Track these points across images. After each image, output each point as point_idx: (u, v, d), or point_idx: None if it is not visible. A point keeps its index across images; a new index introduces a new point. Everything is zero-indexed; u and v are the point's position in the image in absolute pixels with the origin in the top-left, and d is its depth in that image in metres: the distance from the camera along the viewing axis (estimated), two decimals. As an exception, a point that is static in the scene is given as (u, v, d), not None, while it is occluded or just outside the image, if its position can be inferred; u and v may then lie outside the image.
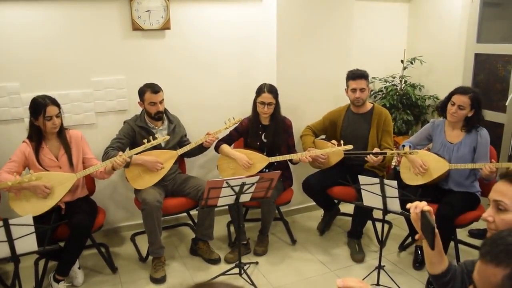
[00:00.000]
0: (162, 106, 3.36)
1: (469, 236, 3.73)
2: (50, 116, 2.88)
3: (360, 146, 3.55)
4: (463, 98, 3.09)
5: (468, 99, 3.08)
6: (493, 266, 1.04)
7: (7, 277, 3.18)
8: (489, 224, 1.50)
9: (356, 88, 3.51)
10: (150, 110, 3.33)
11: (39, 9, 3.29)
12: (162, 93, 3.34)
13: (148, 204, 3.11)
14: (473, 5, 4.31)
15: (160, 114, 3.37)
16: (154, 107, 3.31)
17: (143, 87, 3.33)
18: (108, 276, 3.26)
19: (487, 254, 1.06)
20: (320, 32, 3.96)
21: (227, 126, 3.39)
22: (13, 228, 2.26)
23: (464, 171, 3.18)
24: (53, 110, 2.89)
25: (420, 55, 4.70)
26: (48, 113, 2.87)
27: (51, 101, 2.90)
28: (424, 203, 1.59)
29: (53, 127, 2.92)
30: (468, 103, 3.08)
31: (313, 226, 4.04)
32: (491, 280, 1.04)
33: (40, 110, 2.86)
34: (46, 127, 2.91)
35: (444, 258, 1.64)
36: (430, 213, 1.56)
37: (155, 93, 3.28)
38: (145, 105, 3.33)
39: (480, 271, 1.08)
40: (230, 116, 3.45)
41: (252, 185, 2.86)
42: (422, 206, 1.58)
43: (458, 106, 3.10)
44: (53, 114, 2.89)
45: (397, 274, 3.19)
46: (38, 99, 2.90)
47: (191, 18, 3.75)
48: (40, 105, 2.87)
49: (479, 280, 1.08)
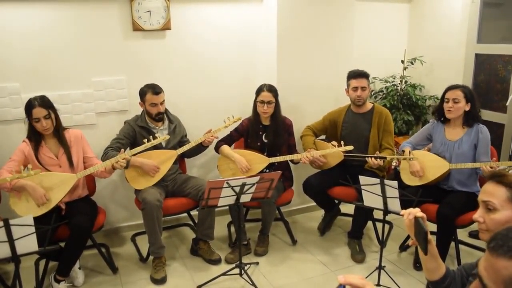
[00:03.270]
0: (163, 107, 3.36)
1: (470, 236, 3.73)
2: (37, 118, 2.85)
3: (361, 146, 3.55)
4: (456, 92, 3.13)
5: (461, 92, 3.13)
6: (506, 259, 1.05)
7: (7, 278, 3.18)
8: (480, 225, 1.54)
9: (357, 87, 3.51)
10: (151, 111, 3.33)
11: (39, 9, 3.29)
12: (163, 94, 3.34)
13: (148, 203, 3.11)
14: (474, 6, 4.31)
15: (160, 115, 3.37)
16: (155, 108, 3.31)
17: (144, 88, 3.33)
18: (108, 277, 3.26)
19: (499, 248, 1.07)
20: (321, 32, 3.96)
21: (226, 125, 3.39)
22: (14, 228, 2.26)
23: (466, 170, 3.18)
24: (39, 112, 2.85)
25: (420, 56, 4.70)
26: (34, 115, 2.84)
27: (39, 103, 2.86)
28: (417, 209, 1.62)
29: (42, 129, 2.90)
30: (461, 96, 3.12)
31: (313, 227, 4.04)
32: (502, 274, 1.05)
33: (29, 111, 2.86)
34: (36, 129, 2.91)
35: (440, 264, 1.65)
36: (423, 219, 1.58)
37: (156, 94, 3.28)
38: (146, 106, 3.33)
39: (489, 265, 1.09)
40: (230, 116, 3.45)
41: (253, 185, 2.86)
42: (415, 212, 1.61)
43: (453, 100, 3.13)
44: (40, 116, 2.85)
45: (397, 274, 3.19)
46: (29, 100, 2.89)
47: (192, 18, 3.76)
48: (29, 106, 2.86)
49: (488, 275, 1.08)
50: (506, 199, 1.47)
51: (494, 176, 1.52)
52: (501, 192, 1.48)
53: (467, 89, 3.16)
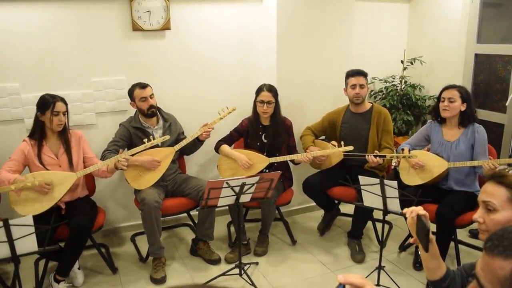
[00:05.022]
0: (154, 100, 3.37)
1: (470, 236, 3.73)
2: (57, 112, 2.94)
3: (360, 145, 3.55)
4: (452, 91, 3.16)
5: (457, 91, 3.15)
6: (502, 259, 1.06)
7: (7, 278, 3.18)
8: (480, 225, 1.55)
9: (356, 84, 3.52)
10: (142, 107, 3.33)
11: (39, 9, 3.29)
12: (151, 89, 3.36)
13: (147, 204, 3.11)
14: (473, 6, 4.31)
15: (153, 109, 3.37)
16: (145, 103, 3.32)
17: (130, 88, 3.37)
18: (108, 277, 3.26)
19: (494, 248, 1.08)
20: (320, 32, 3.96)
21: (221, 116, 3.35)
22: (13, 228, 2.26)
23: (464, 169, 3.18)
24: (61, 106, 2.97)
25: (420, 56, 4.70)
26: (56, 108, 2.93)
27: (61, 99, 2.99)
28: (420, 207, 1.63)
29: (58, 124, 2.97)
30: (457, 95, 3.13)
31: (313, 227, 4.04)
32: (498, 274, 1.06)
33: (49, 105, 2.92)
34: (52, 123, 2.95)
35: (441, 264, 1.65)
36: (425, 217, 1.58)
37: (143, 88, 3.32)
38: (136, 103, 3.34)
39: (485, 265, 1.09)
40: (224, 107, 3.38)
41: (252, 185, 2.86)
42: (418, 210, 1.61)
43: (448, 99, 3.15)
44: (61, 110, 2.96)
45: (397, 274, 3.19)
46: (47, 95, 2.98)
47: (191, 18, 3.75)
48: (49, 100, 2.94)
49: (485, 275, 1.09)
50: (506, 199, 1.47)
51: (494, 176, 1.53)
52: (501, 192, 1.48)
53: (463, 89, 3.17)
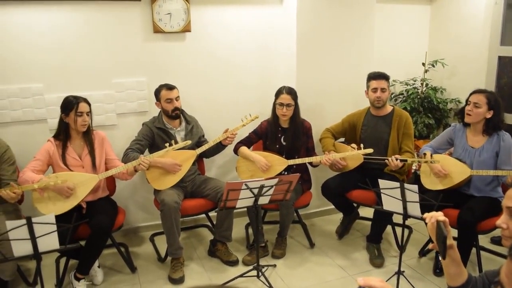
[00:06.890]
0: (179, 103, 3.41)
1: (491, 243, 3.65)
2: (81, 112, 3.00)
3: (380, 149, 3.52)
4: (479, 96, 3.07)
5: (484, 97, 3.05)
6: None
7: (29, 274, 3.24)
8: (503, 231, 1.50)
9: (377, 88, 3.48)
10: (167, 108, 3.37)
11: (62, 12, 3.35)
12: (177, 91, 3.41)
13: (166, 205, 3.13)
14: (497, 7, 4.23)
15: (177, 111, 3.40)
16: (171, 104, 3.36)
17: (157, 87, 3.42)
18: (127, 276, 3.29)
19: None
20: (341, 34, 3.94)
21: (244, 123, 3.40)
22: (36, 226, 2.30)
23: (486, 177, 3.11)
24: (84, 107, 3.03)
25: (442, 58, 4.64)
26: (80, 109, 3.00)
27: (84, 99, 3.05)
28: (440, 213, 1.59)
29: (82, 124, 3.03)
30: (484, 101, 3.04)
31: (331, 230, 4.01)
32: None
33: (72, 105, 2.98)
34: (76, 123, 3.00)
35: (463, 270, 1.61)
36: (445, 223, 1.55)
37: (170, 90, 3.36)
38: (161, 104, 3.39)
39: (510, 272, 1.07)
40: (247, 115, 3.45)
41: (271, 187, 2.85)
42: (437, 216, 1.58)
43: (474, 104, 3.07)
44: (84, 111, 3.02)
45: (416, 280, 3.14)
46: (70, 97, 3.04)
47: (212, 20, 3.78)
48: (72, 101, 3.00)
49: (510, 281, 1.07)
50: None
51: None
52: None
53: (492, 95, 3.06)
